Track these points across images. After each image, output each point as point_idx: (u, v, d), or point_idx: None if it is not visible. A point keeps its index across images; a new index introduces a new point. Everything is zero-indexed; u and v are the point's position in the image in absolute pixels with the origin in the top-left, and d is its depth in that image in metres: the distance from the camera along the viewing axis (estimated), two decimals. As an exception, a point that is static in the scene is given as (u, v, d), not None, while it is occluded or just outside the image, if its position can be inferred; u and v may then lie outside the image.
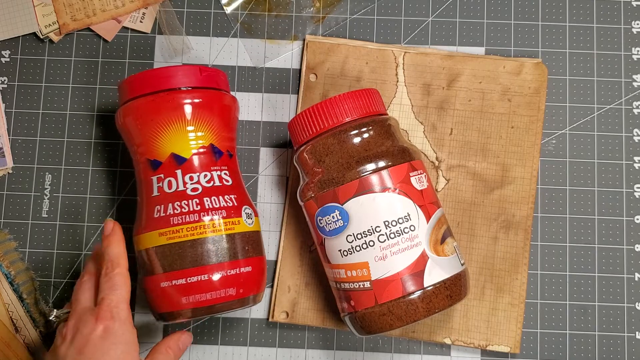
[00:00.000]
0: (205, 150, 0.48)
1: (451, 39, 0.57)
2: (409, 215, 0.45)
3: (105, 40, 0.57)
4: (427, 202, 0.46)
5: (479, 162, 0.54)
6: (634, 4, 0.57)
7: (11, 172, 0.56)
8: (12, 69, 0.57)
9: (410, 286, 0.44)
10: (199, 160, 0.47)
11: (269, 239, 0.55)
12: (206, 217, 0.46)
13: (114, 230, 0.47)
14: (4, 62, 0.57)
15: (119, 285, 0.45)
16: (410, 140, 0.55)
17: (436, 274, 0.45)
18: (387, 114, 0.50)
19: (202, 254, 0.45)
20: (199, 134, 0.48)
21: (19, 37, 0.57)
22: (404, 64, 0.55)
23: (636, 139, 0.56)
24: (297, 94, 0.56)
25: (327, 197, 0.46)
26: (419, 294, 0.44)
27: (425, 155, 0.55)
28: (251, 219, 0.49)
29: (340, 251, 0.46)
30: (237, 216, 0.47)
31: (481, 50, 0.56)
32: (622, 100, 0.56)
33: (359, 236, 0.45)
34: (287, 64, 0.57)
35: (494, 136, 0.55)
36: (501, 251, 0.53)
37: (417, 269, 0.44)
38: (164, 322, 0.48)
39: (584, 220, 0.55)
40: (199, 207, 0.46)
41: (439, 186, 0.54)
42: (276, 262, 0.54)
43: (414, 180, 0.46)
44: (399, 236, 0.44)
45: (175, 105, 0.47)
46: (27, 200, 0.55)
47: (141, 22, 0.57)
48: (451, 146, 0.55)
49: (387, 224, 0.44)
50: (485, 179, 0.54)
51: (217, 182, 0.48)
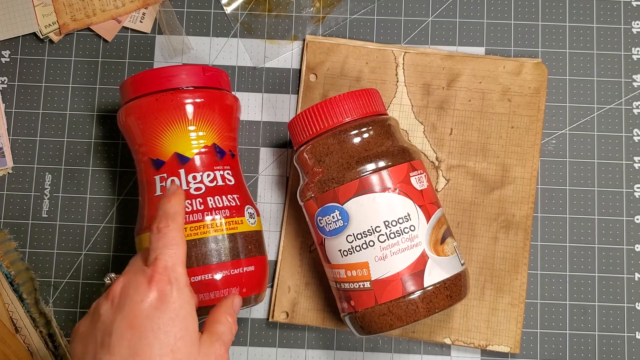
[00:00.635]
0: (208, 150, 0.48)
1: (451, 39, 0.57)
2: (409, 215, 0.45)
3: (105, 40, 0.57)
4: (427, 202, 0.46)
5: (479, 162, 0.54)
6: (634, 4, 0.57)
7: (11, 172, 0.56)
8: (12, 69, 0.57)
9: (410, 286, 0.44)
10: (201, 159, 0.47)
11: (269, 239, 0.55)
12: (209, 217, 0.46)
13: (178, 191, 0.41)
14: (4, 62, 0.57)
15: (175, 242, 0.38)
16: (410, 140, 0.55)
17: (436, 274, 0.45)
18: (387, 114, 0.50)
19: (206, 253, 0.46)
20: (202, 134, 0.48)
21: (19, 37, 0.57)
22: (404, 64, 0.55)
23: (636, 139, 0.56)
24: (297, 94, 0.56)
25: (327, 197, 0.46)
26: (419, 294, 0.44)
27: (425, 155, 0.55)
28: (254, 219, 0.49)
29: (340, 251, 0.46)
30: (239, 216, 0.47)
31: (481, 50, 0.56)
32: (622, 100, 0.56)
33: (359, 236, 0.45)
34: (287, 64, 0.57)
35: (494, 136, 0.55)
36: (501, 251, 0.53)
37: (417, 269, 0.44)
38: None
39: (584, 220, 0.55)
40: (203, 206, 0.46)
41: (439, 186, 0.54)
42: (276, 262, 0.54)
43: (414, 180, 0.46)
44: (399, 236, 0.44)
45: (178, 104, 0.47)
46: (27, 200, 0.55)
47: (141, 22, 0.57)
48: (451, 146, 0.55)
49: (387, 224, 0.44)
50: (485, 179, 0.54)
51: (220, 182, 0.48)
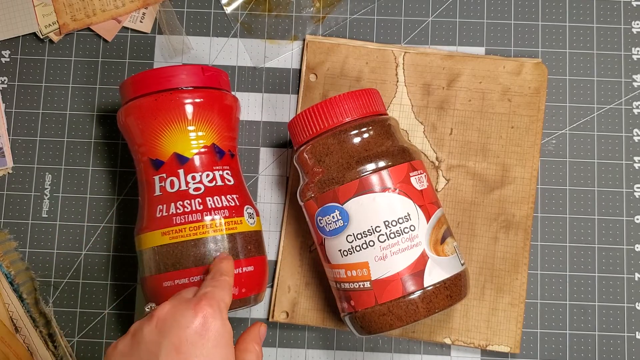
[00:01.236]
0: (207, 150, 0.48)
1: (451, 39, 0.57)
2: (409, 215, 0.45)
3: (105, 40, 0.57)
4: (427, 202, 0.46)
5: (479, 162, 0.54)
6: (634, 4, 0.57)
7: (11, 172, 0.56)
8: (12, 69, 0.57)
9: (410, 286, 0.44)
10: (201, 160, 0.47)
11: (269, 239, 0.55)
12: (209, 217, 0.46)
13: (229, 257, 0.45)
14: (4, 62, 0.57)
15: (225, 287, 0.41)
16: (410, 140, 0.55)
17: (436, 273, 0.45)
18: (387, 114, 0.50)
19: (205, 253, 0.45)
20: (201, 134, 0.48)
21: (19, 37, 0.57)
22: (404, 64, 0.55)
23: (636, 139, 0.56)
24: (297, 94, 0.56)
25: (327, 197, 0.46)
26: (419, 293, 0.44)
27: (425, 155, 0.55)
28: (253, 219, 0.49)
29: (340, 251, 0.46)
30: (239, 216, 0.47)
31: (481, 50, 0.56)
32: (622, 100, 0.56)
33: (359, 236, 0.45)
34: (287, 64, 0.57)
35: (494, 136, 0.55)
36: (501, 251, 0.53)
37: (417, 269, 0.44)
38: None
39: (584, 220, 0.55)
40: (202, 206, 0.46)
41: (439, 186, 0.54)
42: (276, 262, 0.54)
43: (414, 180, 0.46)
44: (399, 236, 0.44)
45: (178, 104, 0.47)
46: (27, 200, 0.55)
47: (141, 22, 0.57)
48: (451, 146, 0.55)
49: (387, 224, 0.44)
50: (485, 179, 0.54)
51: (220, 182, 0.48)
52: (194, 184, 0.47)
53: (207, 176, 0.47)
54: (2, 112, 0.56)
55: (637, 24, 0.57)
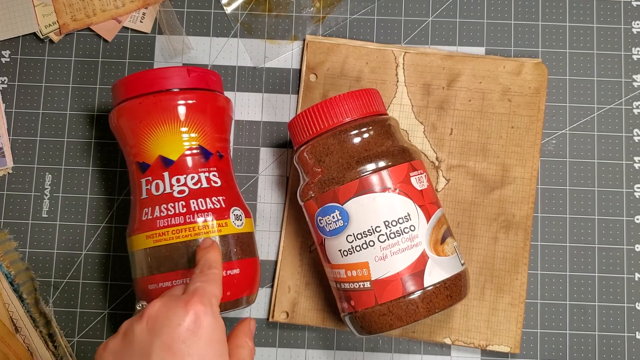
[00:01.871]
0: (193, 152, 0.47)
1: (451, 39, 0.57)
2: (409, 215, 0.45)
3: (105, 40, 0.57)
4: (427, 202, 0.46)
5: (479, 162, 0.54)
6: (634, 4, 0.57)
7: (11, 172, 0.56)
8: (12, 69, 0.57)
9: (410, 286, 0.44)
10: (186, 162, 0.47)
11: (269, 239, 0.55)
12: (193, 220, 0.46)
13: (214, 244, 0.44)
14: (4, 62, 0.57)
15: (216, 281, 0.40)
16: (410, 140, 0.55)
17: (436, 273, 0.45)
18: (387, 114, 0.50)
19: (190, 256, 0.45)
20: (187, 136, 0.47)
21: (19, 37, 0.57)
22: (404, 64, 0.55)
23: (636, 139, 0.56)
24: (297, 94, 0.56)
25: (327, 197, 0.46)
26: (419, 294, 0.44)
27: (425, 155, 0.55)
28: (240, 221, 0.48)
29: (340, 251, 0.46)
30: (224, 218, 0.47)
31: (481, 50, 0.56)
32: (622, 100, 0.56)
33: (359, 236, 0.45)
34: (287, 64, 0.57)
35: (494, 136, 0.55)
36: (501, 251, 0.53)
37: (417, 269, 0.44)
38: None
39: (584, 220, 0.55)
40: (185, 209, 0.46)
41: (439, 186, 0.54)
42: (276, 262, 0.54)
43: (414, 180, 0.46)
44: (399, 236, 0.44)
45: (162, 107, 0.47)
46: (27, 200, 0.55)
47: (141, 22, 0.57)
48: (451, 146, 0.55)
49: (387, 224, 0.44)
50: (485, 179, 0.54)
51: (205, 184, 0.47)
52: (178, 186, 0.46)
53: (192, 178, 0.47)
54: (2, 112, 0.56)
55: (637, 24, 0.57)
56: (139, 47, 0.57)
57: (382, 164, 0.45)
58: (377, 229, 0.44)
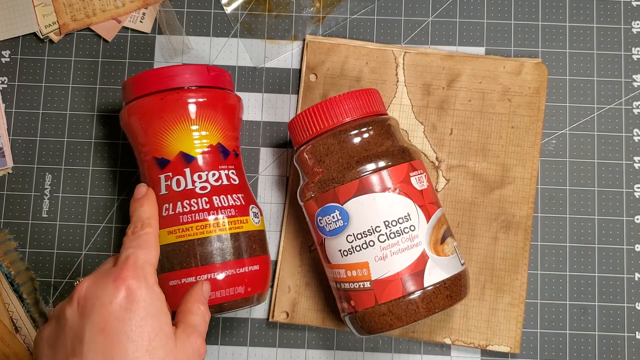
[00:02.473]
0: (212, 149, 0.48)
1: (451, 39, 0.57)
2: (409, 215, 0.45)
3: (105, 40, 0.57)
4: (427, 202, 0.46)
5: (479, 162, 0.54)
6: (634, 4, 0.57)
7: (11, 172, 0.56)
8: (12, 69, 0.57)
9: (410, 286, 0.44)
10: (206, 159, 0.48)
11: (269, 239, 0.55)
12: (214, 216, 0.46)
13: (147, 193, 0.42)
14: (4, 62, 0.57)
15: (149, 244, 0.38)
16: (410, 140, 0.55)
17: (436, 274, 0.45)
18: (387, 114, 0.50)
19: (212, 252, 0.46)
20: (206, 133, 0.48)
21: (19, 37, 0.57)
22: (404, 64, 0.55)
23: (636, 139, 0.56)
24: (297, 94, 0.56)
25: (327, 197, 0.46)
26: (419, 294, 0.44)
27: (425, 155, 0.55)
28: (258, 218, 0.49)
29: (340, 251, 0.46)
30: (245, 215, 0.48)
31: (481, 50, 0.56)
32: (622, 100, 0.56)
33: (359, 236, 0.45)
34: (287, 64, 0.57)
35: (494, 136, 0.55)
36: (501, 251, 0.53)
37: (417, 269, 0.44)
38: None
39: (584, 220, 0.55)
40: (208, 205, 0.46)
41: (439, 186, 0.54)
42: (276, 262, 0.54)
43: (414, 180, 0.46)
44: (399, 236, 0.44)
45: (184, 104, 0.47)
46: (27, 200, 0.55)
47: (141, 22, 0.57)
48: (451, 146, 0.55)
49: (387, 224, 0.44)
50: (485, 179, 0.54)
51: (225, 181, 0.48)
52: (200, 182, 0.47)
53: (213, 175, 0.47)
54: (2, 112, 0.56)
55: (637, 24, 0.57)
56: (139, 47, 0.57)
57: (382, 164, 0.45)
58: (377, 229, 0.44)
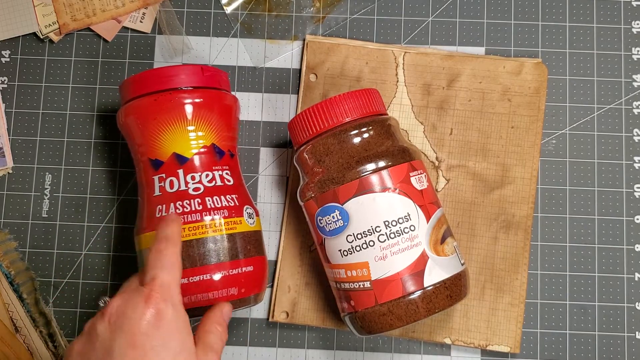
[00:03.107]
0: (206, 150, 0.48)
1: (451, 39, 0.57)
2: (409, 215, 0.45)
3: (105, 40, 0.57)
4: (427, 202, 0.46)
5: (479, 162, 0.54)
6: (634, 4, 0.57)
7: (11, 172, 0.56)
8: (12, 69, 0.57)
9: (410, 286, 0.44)
10: (200, 160, 0.47)
11: (269, 239, 0.55)
12: (208, 217, 0.46)
13: (177, 219, 0.43)
14: (4, 62, 0.57)
15: (174, 264, 0.40)
16: (410, 140, 0.55)
17: (436, 273, 0.45)
18: (387, 114, 0.50)
19: (205, 253, 0.46)
20: (201, 134, 0.48)
21: (19, 37, 0.57)
22: (404, 64, 0.55)
23: (636, 139, 0.56)
24: (297, 94, 0.56)
25: (327, 197, 0.46)
26: (419, 293, 0.44)
27: (425, 155, 0.55)
28: (252, 219, 0.49)
29: (340, 251, 0.46)
30: (238, 216, 0.47)
31: (481, 50, 0.56)
32: (622, 100, 0.56)
33: (359, 236, 0.45)
34: (287, 64, 0.57)
35: (494, 136, 0.55)
36: (501, 251, 0.53)
37: (417, 269, 0.44)
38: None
39: (584, 220, 0.55)
40: (201, 206, 0.46)
41: (439, 186, 0.54)
42: (276, 262, 0.54)
43: (414, 180, 0.46)
44: (399, 236, 0.44)
45: (177, 104, 0.47)
46: (27, 200, 0.55)
47: (141, 22, 0.57)
48: (451, 146, 0.55)
49: (387, 223, 0.44)
50: (485, 179, 0.54)
51: (219, 182, 0.48)
52: (193, 184, 0.47)
53: (207, 176, 0.47)
54: (2, 112, 0.56)
55: (637, 24, 0.57)
56: (139, 47, 0.57)
57: (382, 163, 0.45)
58: (377, 229, 0.44)
